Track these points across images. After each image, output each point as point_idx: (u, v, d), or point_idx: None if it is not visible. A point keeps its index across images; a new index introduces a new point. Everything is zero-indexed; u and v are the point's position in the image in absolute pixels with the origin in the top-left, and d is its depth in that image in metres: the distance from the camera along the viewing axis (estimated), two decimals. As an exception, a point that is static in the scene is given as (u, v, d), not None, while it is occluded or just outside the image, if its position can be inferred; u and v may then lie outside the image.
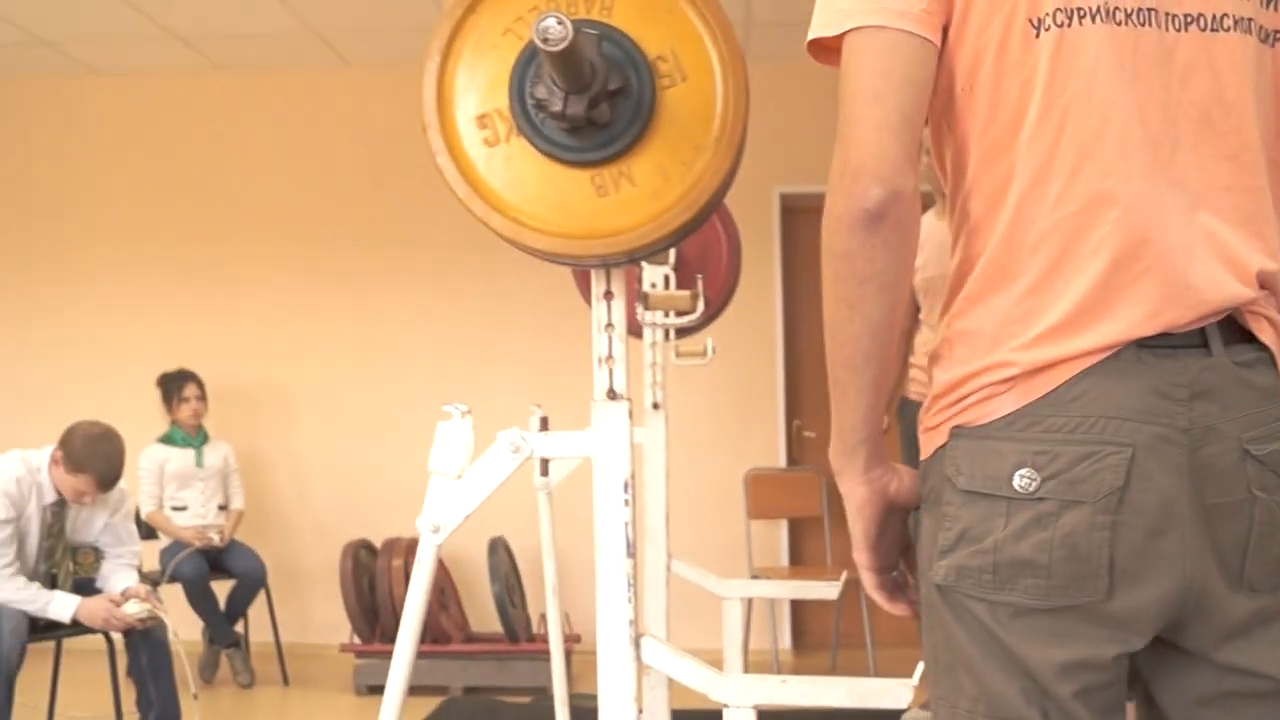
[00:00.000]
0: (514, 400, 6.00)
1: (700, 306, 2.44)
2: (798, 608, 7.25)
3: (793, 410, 7.21)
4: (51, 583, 4.61)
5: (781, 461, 7.13)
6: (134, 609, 4.52)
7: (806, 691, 2.43)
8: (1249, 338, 1.44)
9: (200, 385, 6.66)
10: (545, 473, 3.00)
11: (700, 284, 2.44)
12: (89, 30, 6.78)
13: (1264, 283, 1.45)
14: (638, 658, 2.39)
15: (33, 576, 4.54)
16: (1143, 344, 1.38)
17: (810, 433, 7.20)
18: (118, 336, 7.44)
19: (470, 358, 7.27)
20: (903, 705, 2.37)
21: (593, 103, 2.02)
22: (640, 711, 2.37)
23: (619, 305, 2.42)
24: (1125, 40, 1.41)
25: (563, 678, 4.31)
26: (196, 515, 6.48)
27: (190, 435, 6.59)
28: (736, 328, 4.21)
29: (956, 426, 1.45)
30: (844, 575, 3.99)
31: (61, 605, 4.45)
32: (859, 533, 1.58)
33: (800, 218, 7.02)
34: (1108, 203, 1.40)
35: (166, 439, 6.53)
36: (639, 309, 2.39)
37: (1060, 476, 1.37)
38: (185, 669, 5.08)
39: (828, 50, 1.49)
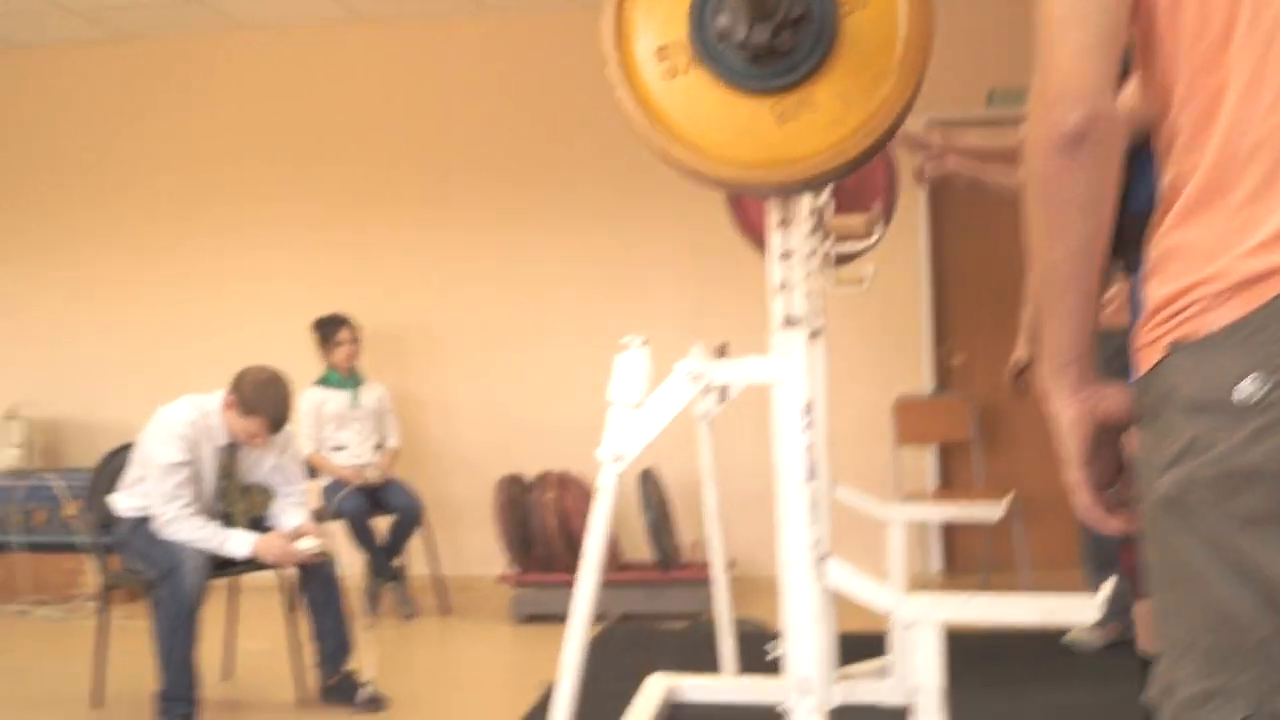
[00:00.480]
0: (661, 335, 6.07)
1: (878, 232, 2.44)
2: (948, 533, 7.24)
3: (940, 335, 7.16)
4: (227, 521, 4.73)
5: (929, 387, 7.10)
6: (307, 545, 4.65)
7: (992, 608, 2.45)
8: None
9: (353, 328, 6.79)
10: (724, 399, 3.03)
11: (877, 208, 2.45)
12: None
13: None
14: (821, 579, 2.42)
15: (209, 516, 4.67)
16: None
17: (958, 358, 7.16)
18: (274, 284, 7.62)
19: (615, 295, 7.32)
20: (1090, 621, 2.38)
21: (776, 30, 2.04)
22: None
23: (796, 233, 2.44)
24: None
25: (726, 602, 4.37)
26: (354, 455, 6.63)
27: (345, 377, 6.73)
28: (884, 253, 4.19)
29: (1175, 341, 1.42)
30: (1009, 496, 3.99)
31: (238, 543, 4.58)
32: (1071, 453, 1.55)
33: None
34: None
35: (323, 381, 6.68)
36: (817, 236, 2.40)
37: None
38: (357, 602, 5.24)
39: None
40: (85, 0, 7.06)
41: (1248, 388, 1.35)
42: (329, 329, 6.76)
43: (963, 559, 7.24)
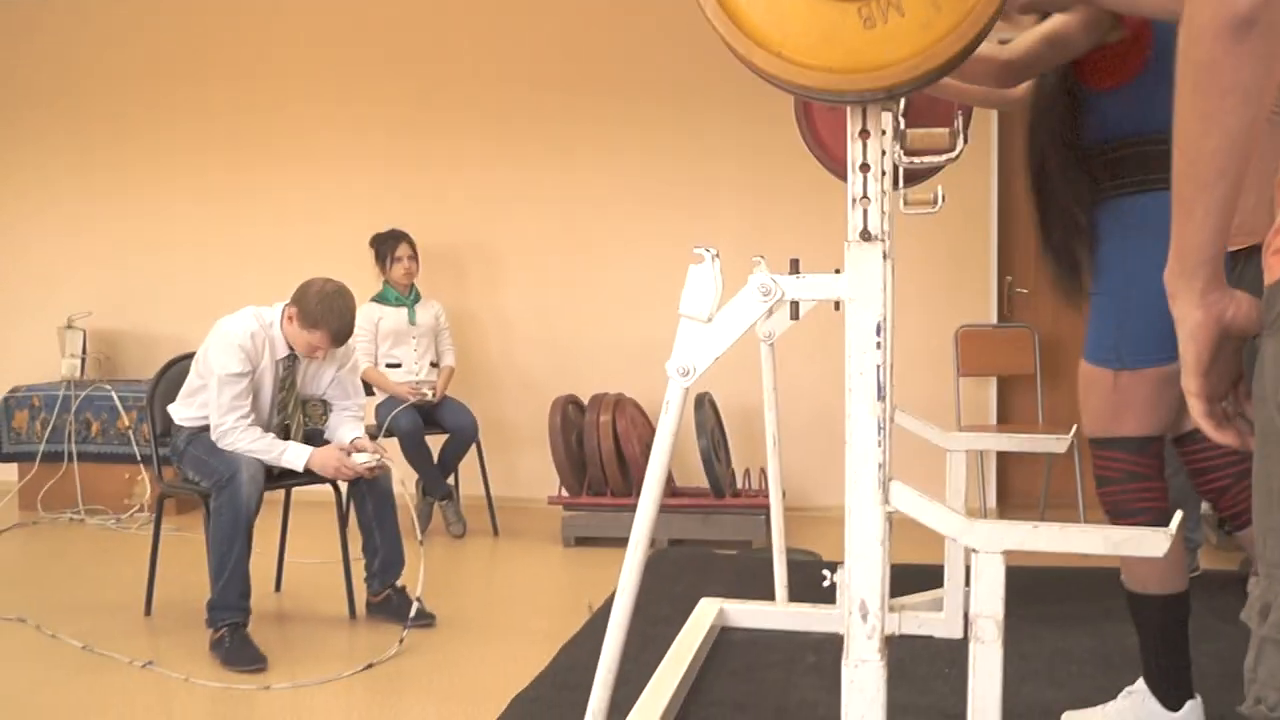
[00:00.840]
0: (725, 253, 6.01)
1: (960, 144, 2.36)
2: (1003, 467, 7.19)
3: (1005, 266, 7.06)
4: (284, 433, 4.74)
5: (993, 318, 7.00)
6: (363, 458, 4.65)
7: (1059, 537, 2.38)
8: None
9: (412, 245, 6.76)
10: (795, 316, 2.97)
11: (959, 121, 2.37)
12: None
13: None
14: (886, 502, 2.37)
15: (267, 427, 4.68)
16: None
17: (1023, 289, 7.06)
18: (332, 199, 7.61)
19: (676, 214, 7.25)
20: (1159, 554, 2.31)
21: (866, -73, 1.96)
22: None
23: (874, 144, 2.36)
24: None
25: (780, 530, 4.34)
26: (410, 372, 6.62)
27: (403, 294, 6.70)
28: (950, 179, 4.10)
29: None
30: (1074, 429, 3.91)
31: (295, 454, 4.58)
32: (1191, 357, 1.53)
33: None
34: None
35: (380, 298, 6.66)
36: (895, 150, 2.32)
37: None
38: (411, 518, 5.24)
39: None
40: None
41: None
42: (387, 245, 6.73)
43: (1018, 494, 7.19)
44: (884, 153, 2.34)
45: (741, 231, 7.09)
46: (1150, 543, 2.32)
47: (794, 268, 2.61)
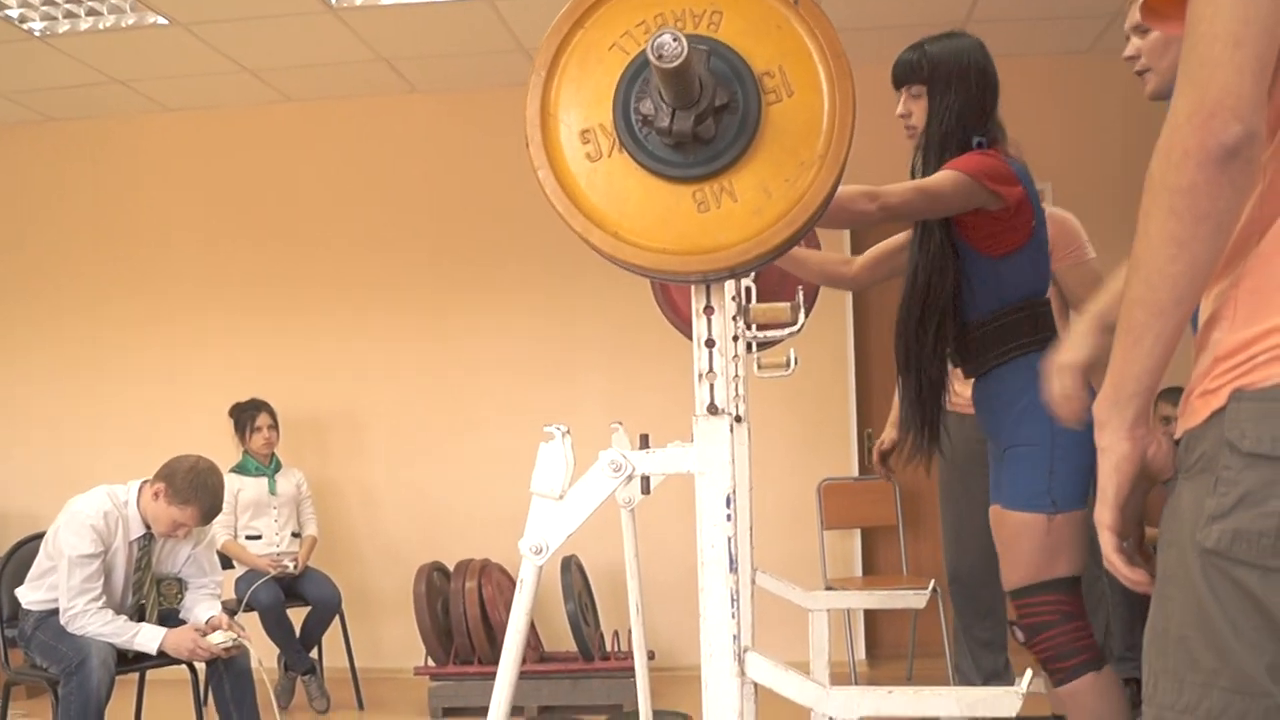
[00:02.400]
0: (589, 418, 6.03)
1: (801, 318, 2.43)
2: (872, 618, 7.22)
3: (864, 419, 7.17)
4: (139, 615, 4.64)
5: (854, 471, 7.10)
6: (219, 638, 4.54)
7: (914, 702, 2.41)
8: None
9: (272, 414, 6.70)
10: (646, 490, 2.99)
11: (800, 295, 2.43)
12: (160, 68, 6.89)
13: None
14: (742, 673, 2.38)
15: (120, 609, 4.57)
16: None
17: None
18: (190, 368, 7.52)
19: (541, 378, 7.28)
20: (1012, 713, 2.34)
21: (699, 118, 2.02)
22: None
23: (719, 320, 2.41)
24: None
25: (647, 694, 4.30)
26: (271, 543, 6.51)
27: (263, 464, 6.63)
28: (807, 338, 4.17)
29: (1239, 389, 1.42)
30: (931, 583, 3.96)
31: (148, 637, 4.47)
32: (1111, 490, 1.55)
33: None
34: None
35: (240, 468, 6.57)
36: (738, 323, 2.38)
37: None
38: (269, 696, 5.11)
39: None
40: (8, 81, 7.00)
41: None
42: (246, 414, 6.66)
43: (887, 646, 7.22)
44: (728, 327, 2.39)
45: (608, 392, 7.12)
46: (1004, 703, 2.36)
47: (644, 443, 2.63)
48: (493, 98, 7.26)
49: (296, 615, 6.38)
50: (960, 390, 4.48)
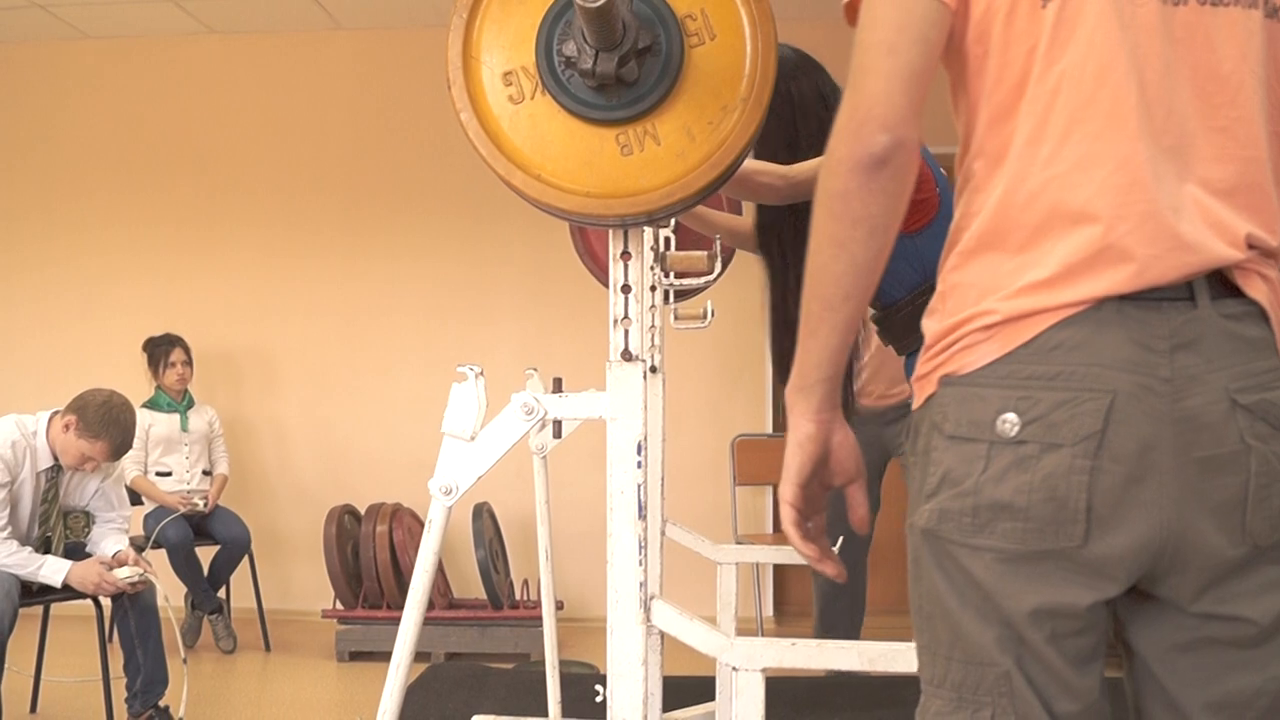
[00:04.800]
0: (503, 364, 6.00)
1: (718, 268, 2.42)
2: (780, 575, 7.27)
3: (781, 375, 7.18)
4: (45, 547, 4.57)
5: (769, 427, 7.13)
6: (125, 573, 4.49)
7: (816, 654, 2.43)
8: (1238, 293, 1.45)
9: (186, 350, 6.61)
10: (558, 434, 2.99)
11: (718, 245, 2.43)
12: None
13: (1254, 244, 1.46)
14: (647, 620, 2.39)
15: (25, 541, 4.50)
16: (1125, 298, 1.41)
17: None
18: (103, 301, 7.40)
19: (457, 322, 7.25)
20: (913, 669, 2.37)
21: (622, 60, 2.01)
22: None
23: (635, 266, 2.41)
24: (1125, 10, 1.44)
25: (554, 644, 4.31)
26: (181, 480, 6.44)
27: (175, 400, 6.54)
28: (724, 292, 4.18)
29: (945, 375, 1.49)
30: (840, 540, 3.99)
31: (53, 569, 4.41)
32: (794, 467, 1.61)
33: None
34: (1095, 163, 1.43)
35: (151, 404, 6.48)
36: (656, 271, 2.37)
37: (1041, 420, 1.40)
38: (175, 634, 5.08)
39: (853, 10, 1.54)
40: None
41: (1003, 423, 1.42)
42: (160, 349, 6.57)
43: (795, 604, 7.27)
44: (645, 274, 2.38)
45: (523, 339, 7.10)
46: (904, 658, 2.38)
47: (557, 386, 2.63)
48: (417, 37, 7.19)
49: (205, 554, 6.32)
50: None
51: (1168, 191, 1.43)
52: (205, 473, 6.59)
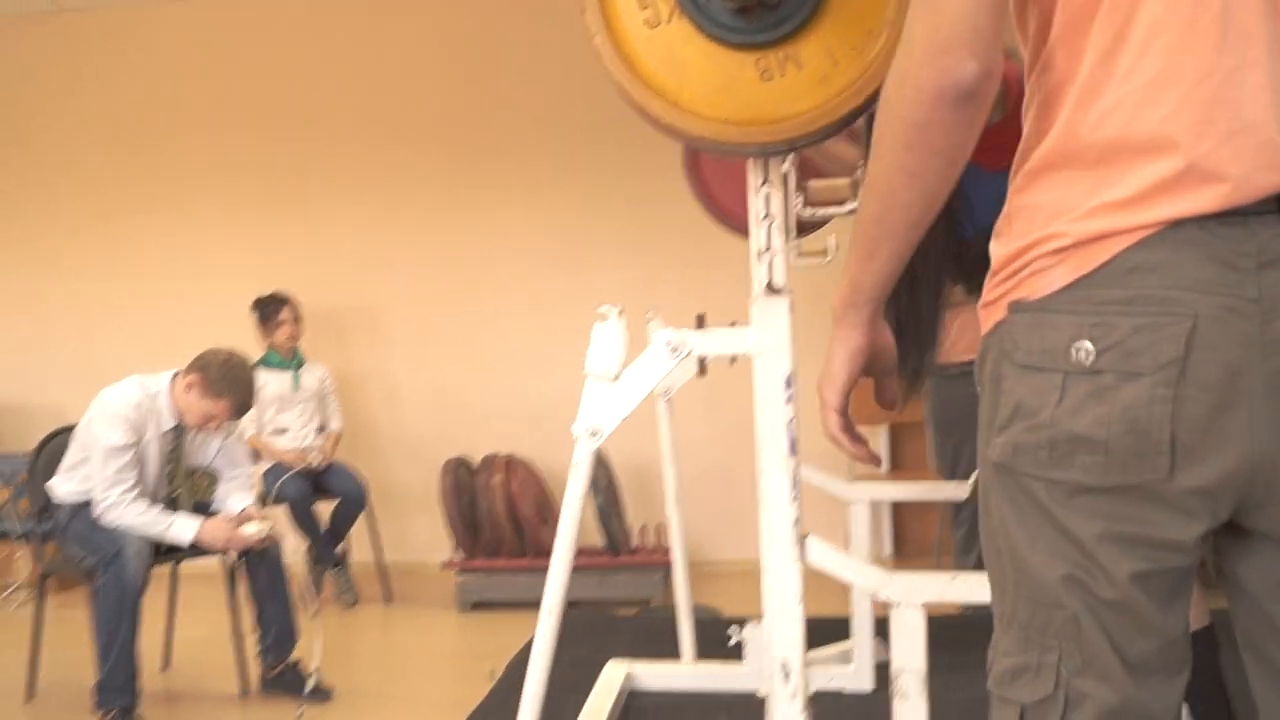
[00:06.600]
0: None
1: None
2: (898, 515, 7.20)
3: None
4: (172, 506, 4.60)
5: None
6: (253, 529, 4.52)
7: (978, 588, 2.36)
8: None
9: (294, 308, 6.62)
10: (703, 372, 2.93)
11: (860, 171, 2.34)
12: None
13: None
14: (802, 558, 2.33)
15: (153, 500, 4.53)
16: (1208, 216, 1.31)
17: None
18: (212, 262, 7.46)
19: (559, 270, 7.21)
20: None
21: (764, -19, 1.95)
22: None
23: (777, 196, 2.34)
24: None
25: (686, 587, 4.27)
26: (296, 437, 6.48)
27: (286, 358, 6.57)
28: (840, 226, 4.10)
29: (1014, 301, 1.41)
30: (974, 475, 3.91)
31: (183, 527, 4.44)
32: (844, 376, 1.66)
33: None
34: (1174, 78, 1.33)
35: (263, 362, 6.50)
36: (798, 201, 2.30)
37: (1117, 348, 1.32)
38: (303, 588, 5.11)
39: None
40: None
41: (1078, 352, 1.34)
42: (269, 308, 6.59)
43: (912, 543, 7.20)
44: (790, 204, 2.32)
45: (626, 285, 7.04)
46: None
47: (700, 323, 2.57)
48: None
49: (323, 509, 6.36)
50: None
51: (1251, 102, 1.32)
52: (319, 429, 6.63)
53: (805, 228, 4.00)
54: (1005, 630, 1.46)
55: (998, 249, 1.46)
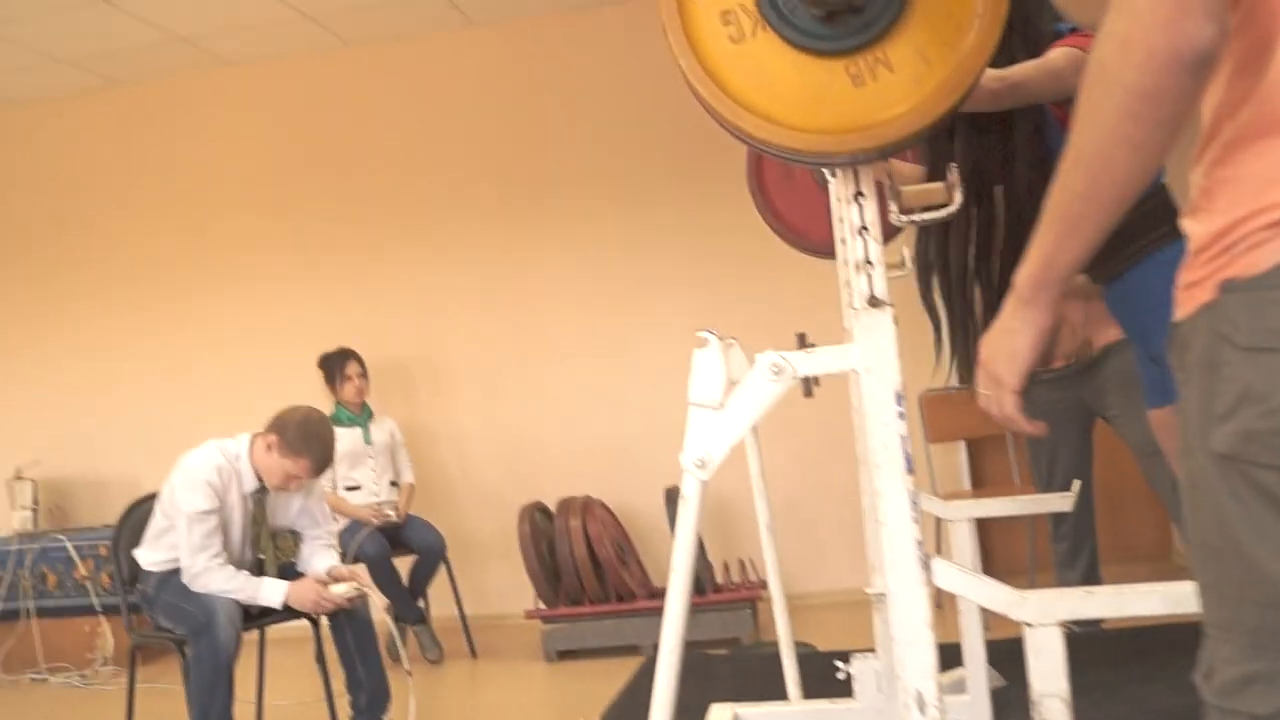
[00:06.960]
0: (670, 346, 5.86)
1: (958, 197, 2.25)
2: (984, 531, 7.05)
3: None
4: (258, 569, 4.55)
5: (952, 379, 6.91)
6: (342, 588, 4.45)
7: (1116, 602, 2.26)
8: None
9: (361, 362, 6.60)
10: (809, 393, 2.84)
11: (954, 172, 2.25)
12: (224, 22, 6.84)
13: None
14: (929, 581, 2.23)
15: (239, 564, 4.49)
16: None
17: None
18: (274, 324, 7.47)
19: (618, 308, 7.16)
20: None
21: (847, -16, 1.89)
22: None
23: (870, 205, 2.26)
24: None
25: (787, 624, 4.14)
26: (370, 493, 6.43)
27: (355, 413, 6.54)
28: (905, 238, 4.04)
29: (1226, 280, 1.28)
30: (1075, 485, 3.81)
31: (272, 590, 4.39)
32: (1029, 358, 1.59)
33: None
34: None
35: (333, 419, 6.41)
36: (891, 210, 2.21)
37: None
38: (394, 645, 5.04)
39: None
40: (73, 49, 6.99)
41: None
42: (336, 364, 6.57)
43: (999, 561, 7.04)
44: (881, 214, 2.24)
45: (685, 319, 6.95)
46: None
47: (801, 342, 2.48)
48: (553, 23, 7.12)
49: (401, 566, 6.30)
50: None
51: None
52: (392, 483, 6.58)
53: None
54: (1225, 637, 1.34)
55: (1198, 227, 1.34)
